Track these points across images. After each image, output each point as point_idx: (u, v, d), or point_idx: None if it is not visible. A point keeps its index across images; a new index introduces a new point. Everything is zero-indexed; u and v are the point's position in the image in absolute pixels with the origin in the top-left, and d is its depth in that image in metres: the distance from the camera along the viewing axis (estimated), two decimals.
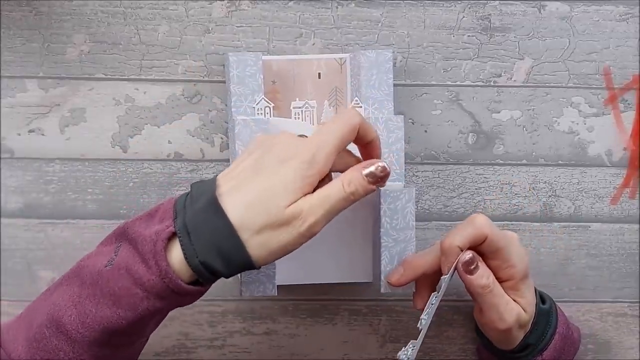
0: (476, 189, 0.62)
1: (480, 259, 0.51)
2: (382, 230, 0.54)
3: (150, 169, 0.60)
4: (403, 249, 0.54)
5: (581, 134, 0.62)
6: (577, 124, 0.61)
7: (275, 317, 0.63)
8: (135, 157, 0.60)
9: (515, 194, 0.62)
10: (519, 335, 0.54)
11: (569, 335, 0.57)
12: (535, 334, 0.55)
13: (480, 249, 0.51)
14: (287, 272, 0.56)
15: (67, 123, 0.59)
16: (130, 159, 0.60)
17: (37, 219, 0.60)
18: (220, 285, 0.53)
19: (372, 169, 0.47)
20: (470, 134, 0.61)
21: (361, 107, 0.56)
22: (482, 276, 0.50)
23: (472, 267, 0.50)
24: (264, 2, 0.59)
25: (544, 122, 0.61)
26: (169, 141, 0.60)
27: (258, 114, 0.55)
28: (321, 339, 0.63)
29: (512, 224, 0.62)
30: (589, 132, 0.62)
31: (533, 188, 0.62)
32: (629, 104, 0.61)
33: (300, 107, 0.58)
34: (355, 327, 0.63)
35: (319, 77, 0.58)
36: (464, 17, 0.60)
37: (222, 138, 0.60)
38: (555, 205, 0.62)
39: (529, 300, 0.53)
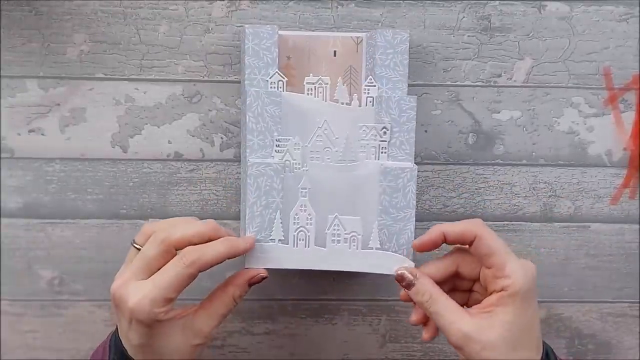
0: (476, 189, 0.62)
1: (423, 275, 0.49)
2: (380, 208, 0.53)
3: (150, 168, 0.60)
4: (402, 228, 0.53)
5: (581, 134, 0.62)
6: (577, 124, 0.61)
7: (275, 317, 0.63)
8: (135, 157, 0.60)
9: (515, 194, 0.62)
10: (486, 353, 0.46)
11: None
12: None
13: (473, 250, 0.49)
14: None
15: (67, 123, 0.60)
16: (130, 159, 0.60)
17: (37, 218, 0.60)
18: None
19: None
20: (470, 134, 0.61)
21: (375, 86, 0.56)
22: (418, 293, 0.49)
23: (404, 283, 0.49)
24: (264, 2, 0.59)
25: (544, 122, 0.61)
26: (169, 141, 0.60)
27: (271, 87, 0.55)
28: (321, 339, 0.63)
29: (512, 224, 0.62)
30: (589, 132, 0.62)
31: (533, 188, 0.62)
32: (629, 104, 0.61)
33: (313, 83, 0.56)
34: (355, 327, 0.63)
35: (335, 55, 0.57)
36: (464, 17, 0.60)
37: (222, 138, 0.60)
38: (555, 205, 0.62)
39: (508, 319, 0.46)
